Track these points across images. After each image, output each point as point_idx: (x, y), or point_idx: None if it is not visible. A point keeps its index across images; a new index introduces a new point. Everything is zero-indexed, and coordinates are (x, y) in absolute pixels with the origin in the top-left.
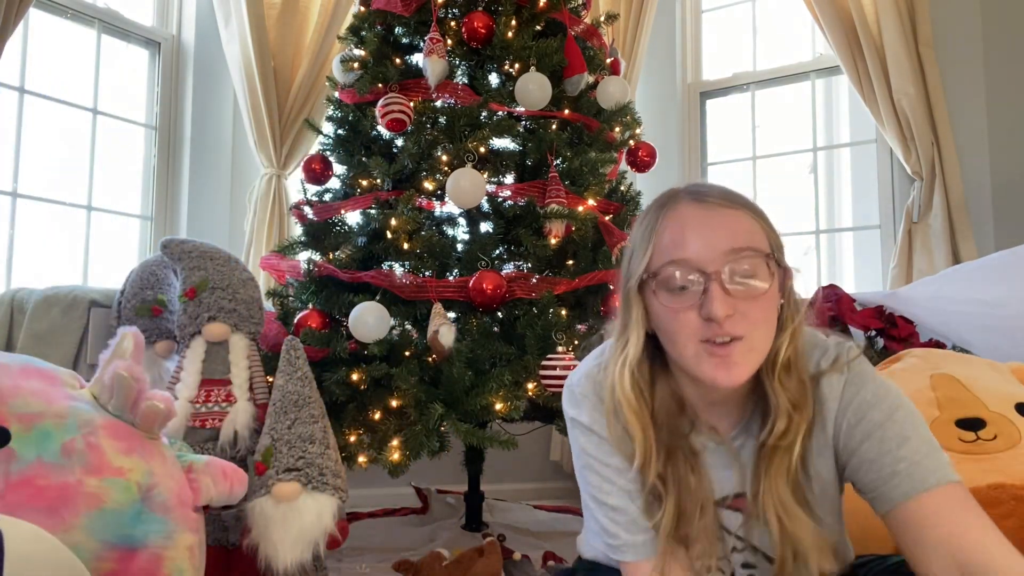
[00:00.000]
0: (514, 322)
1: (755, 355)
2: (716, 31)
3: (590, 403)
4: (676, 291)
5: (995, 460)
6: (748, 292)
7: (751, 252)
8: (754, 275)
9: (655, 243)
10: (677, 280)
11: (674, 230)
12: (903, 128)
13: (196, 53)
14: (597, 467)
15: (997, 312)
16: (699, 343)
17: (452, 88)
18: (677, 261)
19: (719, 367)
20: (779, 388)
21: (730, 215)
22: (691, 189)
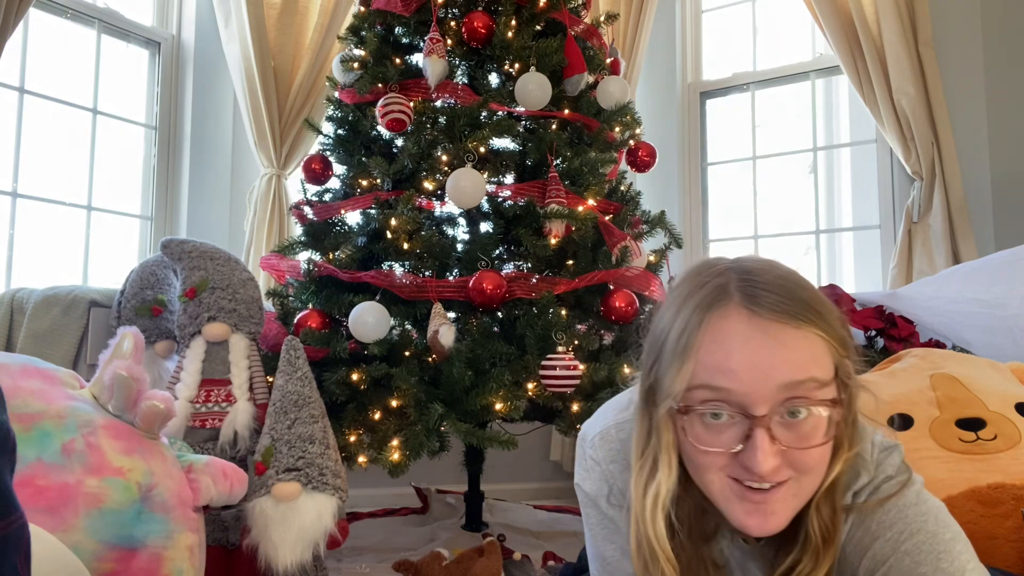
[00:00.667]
0: (514, 322)
1: (797, 502)
2: (716, 31)
3: (600, 471)
4: (711, 422)
5: (995, 460)
6: (801, 437)
7: (813, 385)
8: (810, 414)
9: (696, 356)
10: (714, 413)
11: (719, 346)
12: (903, 128)
13: (196, 53)
14: (600, 544)
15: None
16: (729, 480)
17: (452, 88)
18: (719, 391)
19: (752, 514)
20: (814, 520)
21: (791, 338)
22: (746, 290)
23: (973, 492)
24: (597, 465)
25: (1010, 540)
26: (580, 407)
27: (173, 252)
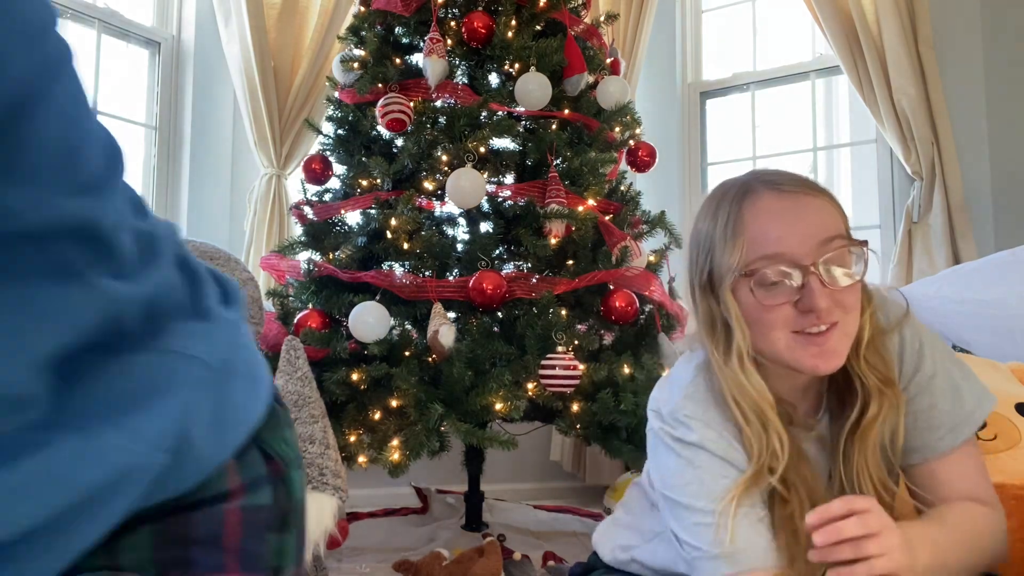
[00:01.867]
0: (514, 322)
1: (848, 340)
2: (716, 31)
3: (700, 422)
4: (773, 287)
5: (995, 460)
6: (842, 281)
7: (840, 240)
8: (845, 263)
9: (745, 237)
10: (772, 276)
11: (762, 223)
12: (903, 128)
13: (196, 53)
14: (709, 481)
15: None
16: (792, 334)
17: (452, 88)
18: (771, 256)
19: (817, 356)
20: (867, 369)
21: (814, 203)
22: (765, 179)
23: None
24: (693, 419)
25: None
26: (580, 407)
27: None
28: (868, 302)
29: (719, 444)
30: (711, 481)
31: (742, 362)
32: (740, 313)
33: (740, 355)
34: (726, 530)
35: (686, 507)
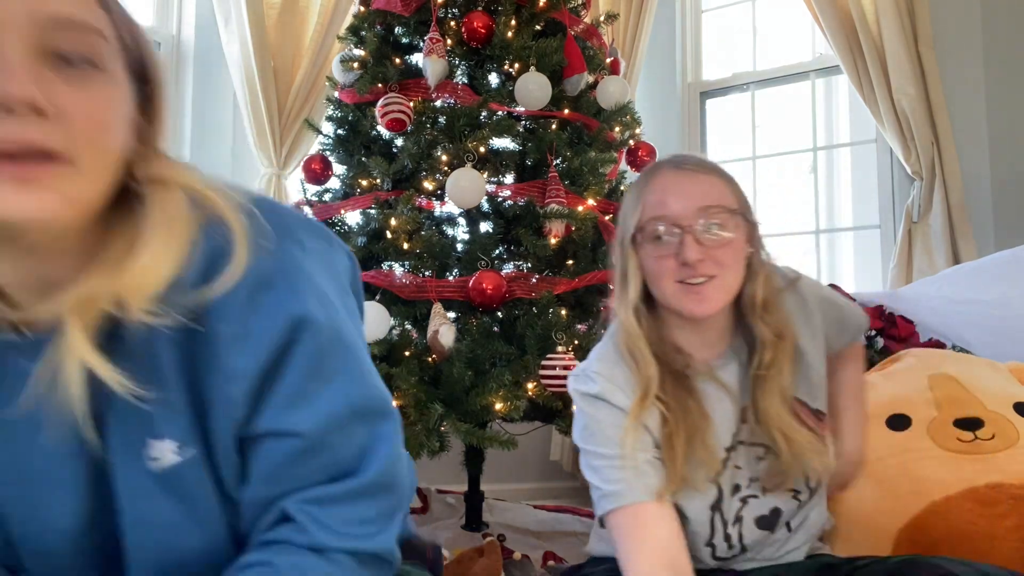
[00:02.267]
0: (514, 322)
1: (725, 292)
2: (716, 31)
3: (603, 377)
4: (657, 242)
5: (993, 460)
6: (718, 241)
7: (720, 208)
8: (723, 227)
9: (643, 203)
10: (660, 232)
11: (657, 193)
12: (903, 128)
13: (196, 53)
14: (607, 428)
15: (997, 312)
16: (676, 283)
17: (452, 88)
18: (659, 217)
19: (694, 301)
20: (761, 324)
21: (703, 178)
22: (672, 159)
23: (971, 492)
24: (598, 374)
25: (1008, 539)
26: None
27: None
28: (760, 268)
29: (618, 396)
30: (609, 429)
31: (630, 309)
32: (637, 266)
33: (629, 303)
34: (619, 470)
35: (590, 453)
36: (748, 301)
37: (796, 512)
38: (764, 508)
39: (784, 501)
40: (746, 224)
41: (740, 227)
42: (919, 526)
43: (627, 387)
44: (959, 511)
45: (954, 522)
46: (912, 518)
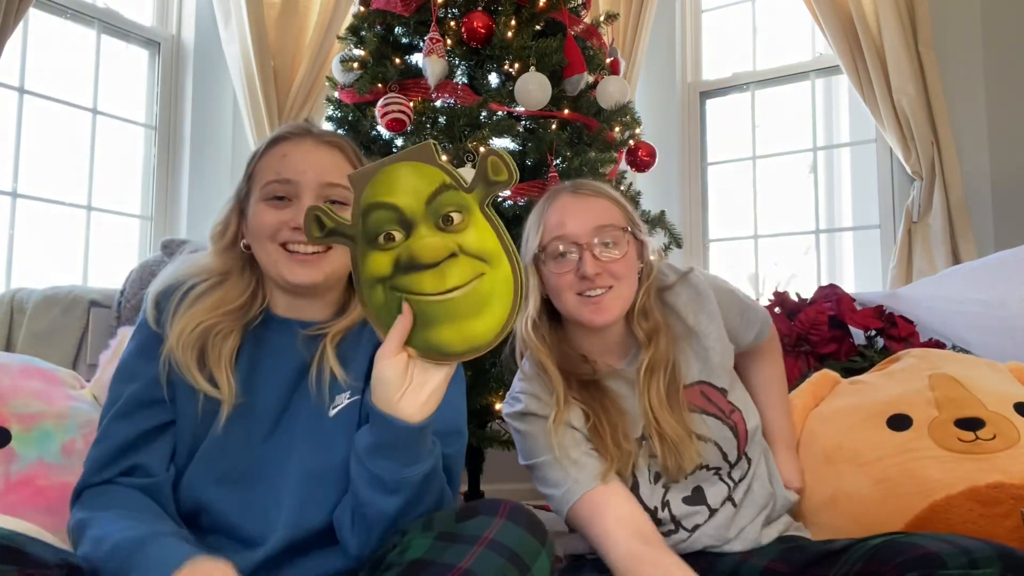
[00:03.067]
0: None
1: (621, 302)
2: (716, 31)
3: (526, 394)
4: (559, 259)
5: (994, 460)
6: (611, 256)
7: (612, 227)
8: (616, 244)
9: (543, 225)
10: (560, 250)
11: (557, 215)
12: (903, 128)
13: (196, 53)
14: (539, 438)
15: (997, 312)
16: (576, 296)
17: (452, 88)
18: (559, 237)
19: (593, 312)
20: (638, 329)
21: (597, 202)
22: (571, 185)
23: (972, 492)
24: (523, 394)
25: (1009, 539)
26: None
27: (173, 252)
28: (646, 279)
29: (542, 407)
30: (541, 437)
31: (528, 325)
32: (538, 284)
33: (528, 318)
34: (561, 470)
35: (534, 467)
36: (631, 309)
37: (730, 488)
38: (686, 489)
39: (704, 479)
40: (636, 241)
41: (631, 243)
42: (920, 526)
43: (548, 397)
44: (960, 511)
45: (955, 522)
46: (913, 518)
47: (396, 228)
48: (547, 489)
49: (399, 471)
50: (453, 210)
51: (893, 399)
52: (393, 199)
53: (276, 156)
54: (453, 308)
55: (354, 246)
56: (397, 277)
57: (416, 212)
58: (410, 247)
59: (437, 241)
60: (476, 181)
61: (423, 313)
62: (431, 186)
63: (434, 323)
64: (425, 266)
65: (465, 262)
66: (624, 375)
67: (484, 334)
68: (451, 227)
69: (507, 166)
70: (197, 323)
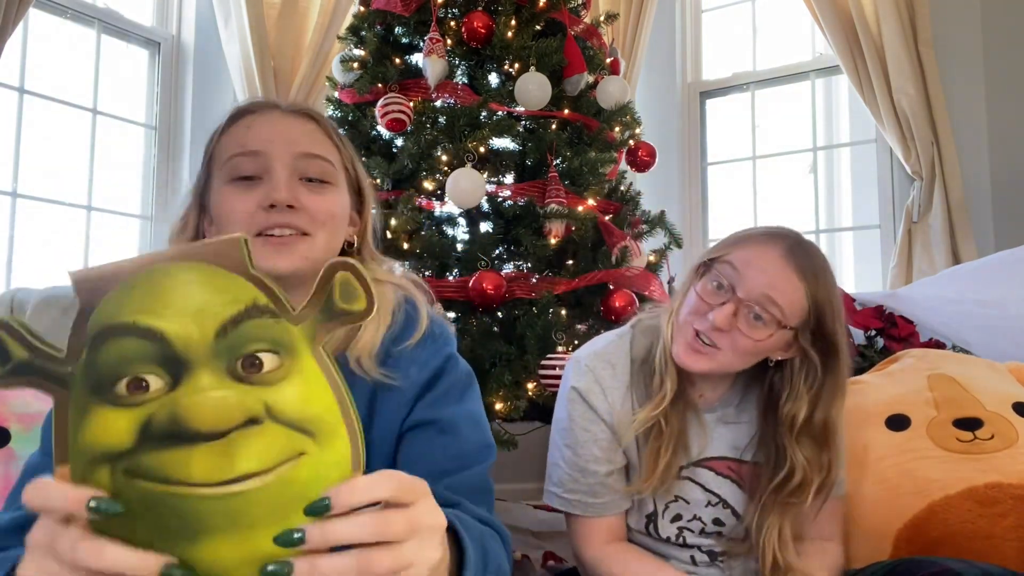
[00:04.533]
0: (514, 322)
1: (717, 366)
2: (716, 31)
3: (591, 371)
4: (717, 291)
5: (992, 460)
6: (753, 331)
7: (787, 331)
8: (766, 327)
9: (745, 256)
10: (724, 286)
11: (762, 268)
12: (903, 128)
13: (196, 53)
14: (578, 432)
15: (997, 312)
16: (692, 333)
17: (452, 88)
18: (750, 285)
19: (692, 358)
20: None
21: (798, 288)
22: (789, 250)
23: (970, 492)
24: (589, 369)
25: (1008, 539)
26: None
27: None
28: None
29: (596, 397)
30: (580, 433)
31: (669, 325)
32: (695, 295)
33: (674, 318)
34: (576, 483)
35: (559, 446)
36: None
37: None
38: (699, 542)
39: (719, 543)
40: (792, 343)
41: (781, 338)
42: (918, 526)
43: (609, 390)
44: (959, 511)
45: (954, 522)
46: (911, 518)
47: (153, 369)
48: (554, 473)
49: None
50: (264, 348)
51: (892, 399)
52: (157, 321)
53: (239, 130)
54: (242, 509)
55: (64, 394)
56: (143, 454)
57: (196, 347)
58: (175, 403)
59: (226, 397)
60: (311, 309)
61: (185, 516)
62: (229, 307)
63: (203, 534)
64: (200, 436)
65: (273, 433)
66: (703, 416)
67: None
68: (255, 376)
69: (366, 292)
70: None
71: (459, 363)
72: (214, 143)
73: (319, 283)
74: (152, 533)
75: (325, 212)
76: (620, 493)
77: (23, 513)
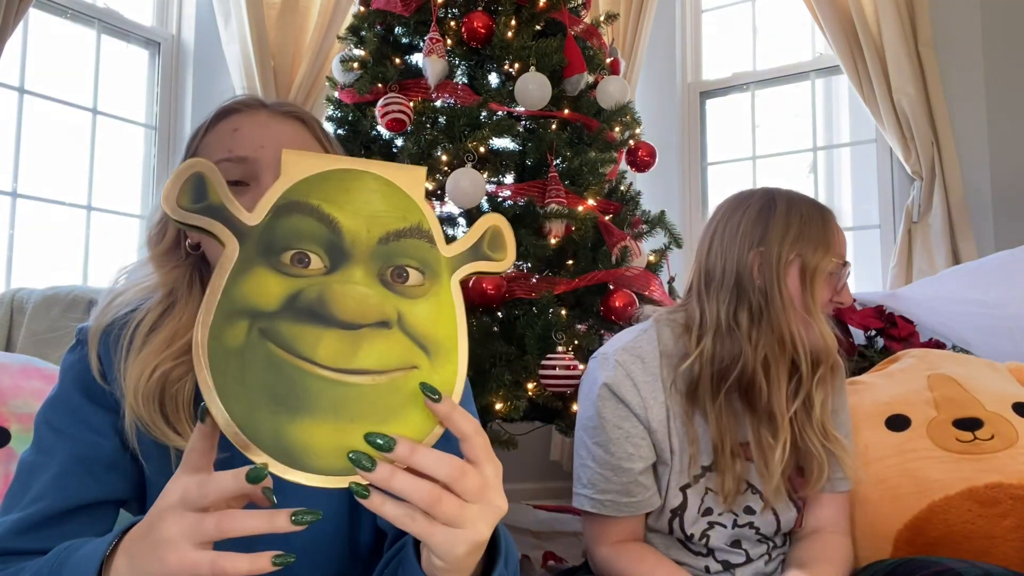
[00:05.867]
0: (514, 322)
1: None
2: (716, 31)
3: (621, 365)
4: (833, 278)
5: (992, 460)
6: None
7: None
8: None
9: (835, 242)
10: (844, 275)
11: (843, 241)
12: (903, 128)
13: (196, 53)
14: (610, 429)
15: (997, 312)
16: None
17: (452, 88)
18: (846, 263)
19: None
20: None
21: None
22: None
23: (970, 492)
24: (618, 363)
25: (1008, 539)
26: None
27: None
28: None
29: (627, 390)
30: (612, 430)
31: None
32: (772, 283)
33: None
34: (607, 482)
35: (587, 445)
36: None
37: (769, 558)
38: (728, 539)
39: (747, 537)
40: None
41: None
42: (919, 526)
43: (641, 383)
44: (959, 511)
45: (954, 522)
46: (912, 518)
47: (318, 251)
48: (583, 474)
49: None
50: (413, 265)
51: (892, 399)
52: (335, 211)
53: (225, 131)
54: (349, 399)
55: (235, 246)
56: (281, 320)
57: (360, 244)
58: (326, 285)
59: (368, 296)
60: (462, 246)
61: (296, 389)
62: (398, 221)
63: (305, 411)
64: (336, 322)
65: (397, 340)
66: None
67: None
68: (400, 286)
69: (509, 245)
70: (153, 368)
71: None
72: (198, 140)
73: (473, 229)
74: (260, 395)
75: None
76: (651, 491)
77: (26, 513)
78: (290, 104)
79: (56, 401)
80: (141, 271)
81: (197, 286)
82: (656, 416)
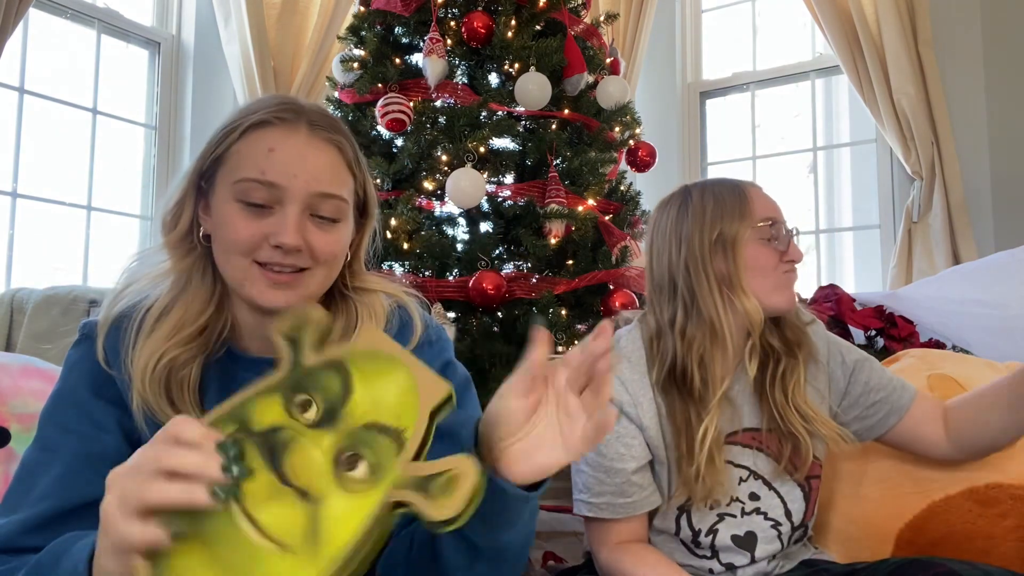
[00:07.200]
0: (514, 322)
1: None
2: (716, 31)
3: (616, 380)
4: (773, 241)
5: (993, 460)
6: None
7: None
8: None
9: (756, 206)
10: (782, 233)
11: (764, 199)
12: (903, 128)
13: (196, 53)
14: (612, 445)
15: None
16: (783, 275)
17: (452, 88)
18: (778, 221)
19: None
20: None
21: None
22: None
23: (970, 492)
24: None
25: (1008, 539)
26: None
27: None
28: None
29: (620, 393)
30: (614, 444)
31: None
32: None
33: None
34: (602, 484)
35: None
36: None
37: (782, 548)
38: (740, 529)
39: (759, 527)
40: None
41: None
42: (919, 526)
43: (629, 383)
44: (959, 511)
45: (954, 522)
46: (912, 518)
47: (322, 405)
48: (579, 479)
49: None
50: (370, 460)
51: None
52: (359, 381)
53: (260, 147)
54: (230, 539)
55: (270, 371)
56: (252, 441)
57: (351, 418)
58: (299, 436)
59: (318, 463)
60: (417, 471)
61: (202, 522)
62: (391, 418)
63: (197, 537)
64: (277, 469)
65: (300, 516)
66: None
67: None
68: (343, 472)
69: (458, 498)
70: (160, 354)
71: (457, 369)
72: (228, 144)
73: (440, 461)
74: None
75: (329, 252)
76: (648, 490)
77: (33, 512)
78: (328, 120)
79: (61, 397)
80: (154, 257)
81: (208, 274)
82: (647, 413)
